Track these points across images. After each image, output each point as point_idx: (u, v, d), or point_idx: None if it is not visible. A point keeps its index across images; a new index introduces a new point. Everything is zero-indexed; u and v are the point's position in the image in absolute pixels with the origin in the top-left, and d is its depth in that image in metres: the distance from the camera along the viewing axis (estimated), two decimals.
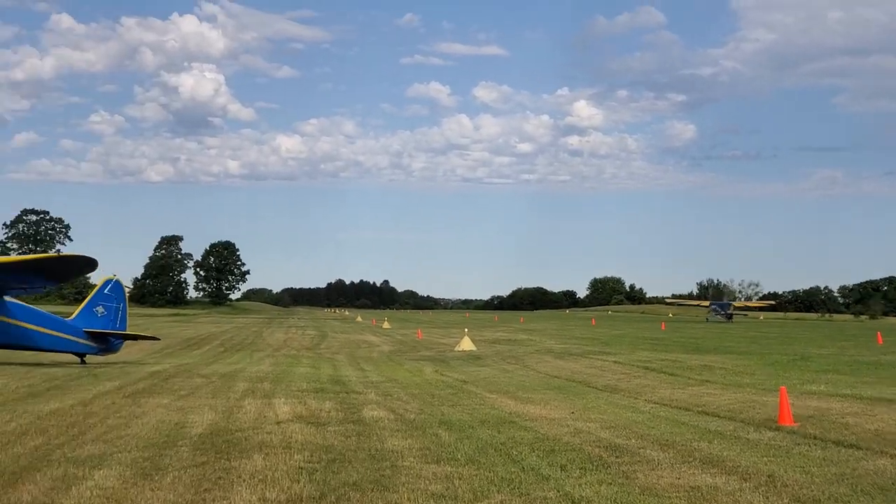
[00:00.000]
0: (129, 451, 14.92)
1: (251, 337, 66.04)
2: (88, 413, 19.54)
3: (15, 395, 22.95)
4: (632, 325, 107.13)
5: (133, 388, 25.11)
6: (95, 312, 37.23)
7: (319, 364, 37.87)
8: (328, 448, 15.57)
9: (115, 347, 38.09)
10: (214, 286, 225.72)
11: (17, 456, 14.22)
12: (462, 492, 12.36)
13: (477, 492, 12.40)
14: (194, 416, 19.30)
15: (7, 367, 31.56)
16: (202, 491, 12.09)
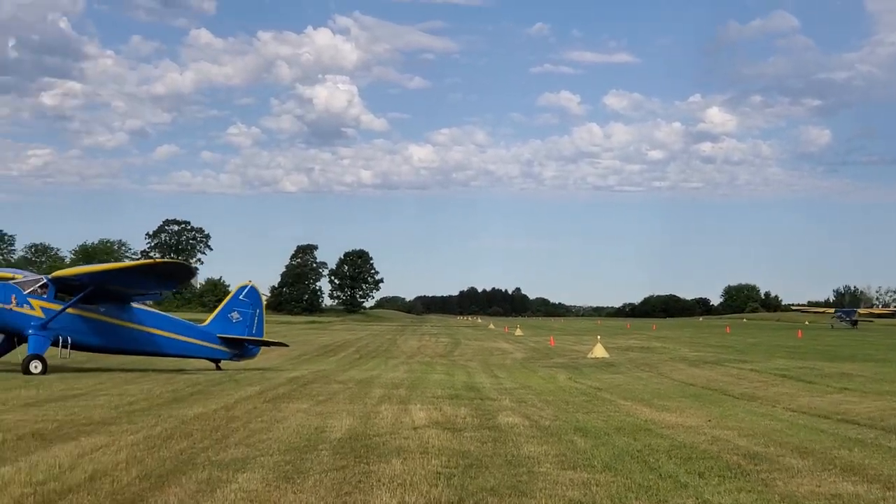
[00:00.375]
0: (272, 454, 15.25)
1: (385, 344, 66.69)
2: (231, 417, 20.02)
3: (160, 400, 23.60)
4: (767, 333, 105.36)
5: (273, 394, 25.62)
6: (230, 318, 37.34)
7: (453, 371, 38.09)
8: (465, 453, 15.69)
9: (250, 353, 38.20)
10: (348, 294, 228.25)
11: (163, 459, 14.64)
12: (599, 498, 12.37)
13: (615, 498, 12.39)
14: (333, 420, 19.62)
15: (151, 374, 32.45)
16: (343, 494, 12.32)
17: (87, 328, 33.74)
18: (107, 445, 15.87)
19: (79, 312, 33.58)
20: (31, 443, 16.15)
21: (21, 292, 32.99)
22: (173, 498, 11.89)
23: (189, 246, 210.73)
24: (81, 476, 13.04)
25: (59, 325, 32.98)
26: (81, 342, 33.84)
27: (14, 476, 12.92)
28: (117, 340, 34.64)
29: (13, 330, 33.31)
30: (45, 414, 20.26)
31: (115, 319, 34.23)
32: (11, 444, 15.98)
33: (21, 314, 32.70)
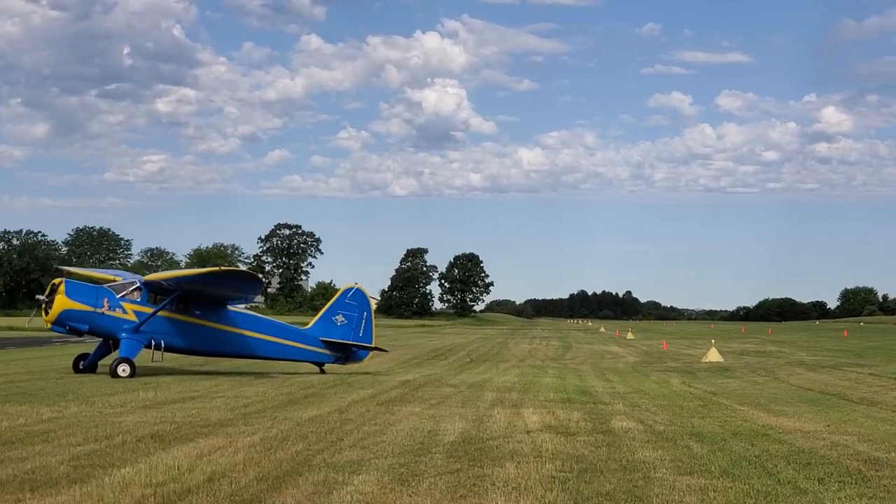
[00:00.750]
0: (386, 457, 15.33)
1: (496, 348, 66.71)
2: (345, 420, 20.17)
3: (274, 403, 23.89)
4: (886, 336, 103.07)
5: (386, 397, 25.76)
6: (334, 321, 36.90)
7: (565, 375, 37.93)
8: (579, 458, 15.60)
9: (356, 357, 37.70)
10: (459, 297, 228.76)
11: (280, 461, 14.80)
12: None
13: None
14: (446, 424, 19.66)
15: (265, 377, 32.87)
16: (458, 497, 12.32)
17: (180, 331, 34.07)
18: (224, 447, 16.10)
19: (172, 315, 33.91)
20: (150, 444, 16.44)
21: (114, 296, 33.47)
22: (290, 499, 12.01)
23: (300, 250, 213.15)
24: (200, 477, 13.24)
25: (151, 328, 33.32)
26: (174, 345, 34.20)
27: (135, 477, 13.16)
28: (211, 343, 34.91)
29: (106, 333, 33.73)
30: (163, 416, 20.64)
31: (208, 322, 34.50)
32: (131, 445, 16.29)
33: (113, 318, 33.14)
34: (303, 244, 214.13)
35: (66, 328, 33.27)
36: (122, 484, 12.68)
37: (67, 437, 17.18)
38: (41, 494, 12.01)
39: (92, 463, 14.39)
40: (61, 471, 13.71)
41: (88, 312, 32.92)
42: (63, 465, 14.13)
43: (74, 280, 34.70)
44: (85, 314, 32.92)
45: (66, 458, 14.74)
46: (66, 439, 16.87)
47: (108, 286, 34.28)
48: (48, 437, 17.14)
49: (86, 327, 33.20)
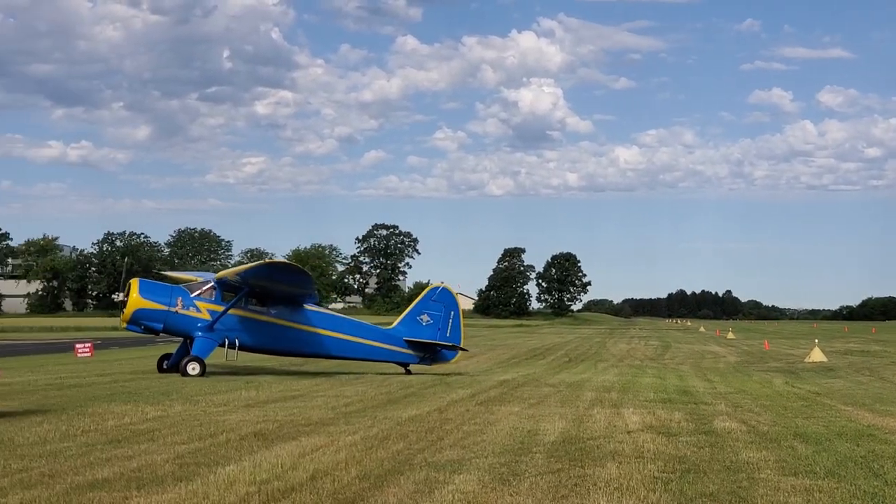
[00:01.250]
0: (486, 456, 15.32)
1: (594, 347, 66.39)
2: (444, 419, 20.21)
3: (374, 402, 24.03)
4: None
5: (485, 396, 25.76)
6: (419, 321, 36.34)
7: (665, 375, 37.60)
8: (681, 458, 15.45)
9: (443, 357, 36.98)
10: (556, 297, 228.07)
11: (381, 460, 14.87)
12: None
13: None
14: (545, 423, 19.60)
15: (365, 376, 33.08)
16: (559, 497, 12.28)
17: (255, 329, 34.04)
18: (326, 446, 16.23)
19: (246, 314, 33.99)
20: (253, 442, 16.64)
21: (188, 295, 33.77)
22: (392, 498, 12.06)
23: (398, 250, 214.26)
24: (303, 475, 13.36)
25: (225, 326, 33.48)
26: (249, 343, 34.23)
27: (239, 475, 13.32)
28: (286, 342, 34.78)
29: (181, 332, 34.03)
30: (265, 414, 20.88)
31: (283, 321, 34.37)
32: (235, 443, 16.50)
33: (187, 317, 33.40)
34: (400, 244, 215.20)
35: (141, 327, 33.66)
36: (226, 482, 12.84)
37: (172, 435, 17.46)
38: (147, 492, 12.21)
39: (197, 461, 14.60)
40: (167, 469, 13.92)
41: (162, 311, 33.24)
42: (168, 464, 14.35)
43: (150, 280, 35.29)
44: (159, 313, 33.25)
45: (171, 457, 14.98)
46: (170, 438, 17.14)
47: (184, 285, 34.75)
48: (153, 435, 17.43)
49: (160, 326, 33.52)
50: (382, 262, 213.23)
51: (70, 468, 13.85)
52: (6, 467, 13.88)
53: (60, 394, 25.38)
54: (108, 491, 12.25)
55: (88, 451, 15.43)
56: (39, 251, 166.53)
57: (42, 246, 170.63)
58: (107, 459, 14.67)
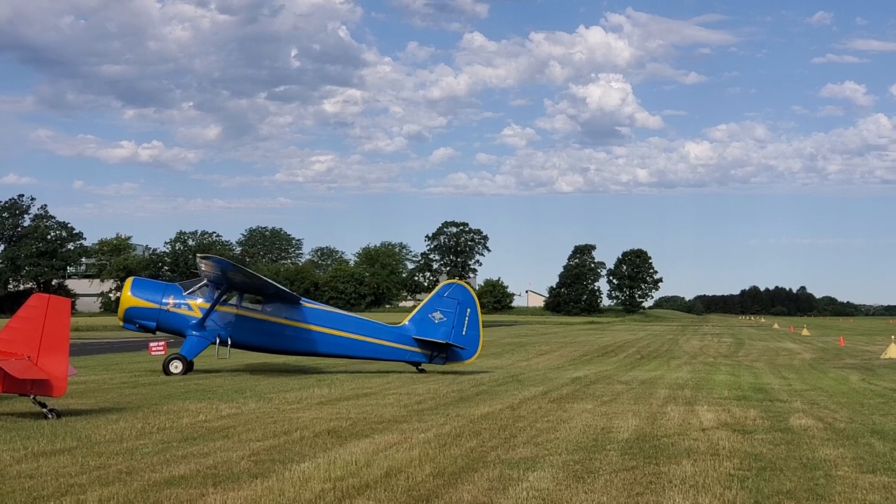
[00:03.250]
0: (560, 454, 15.28)
1: (667, 344, 65.86)
2: (517, 417, 20.18)
3: (446, 400, 24.05)
4: None
5: (557, 394, 25.69)
6: (431, 318, 34.56)
7: (739, 372, 37.22)
8: (757, 456, 15.30)
9: (458, 356, 34.82)
10: (627, 294, 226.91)
11: (455, 457, 14.88)
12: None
13: None
14: (619, 421, 19.50)
15: (435, 374, 33.10)
16: (634, 495, 12.20)
17: (248, 327, 33.59)
18: (399, 443, 16.27)
19: (239, 312, 33.62)
20: (326, 439, 16.72)
21: (181, 292, 33.67)
22: (467, 495, 12.05)
23: (468, 247, 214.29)
24: (377, 472, 13.40)
25: (217, 324, 33.22)
26: (242, 341, 33.79)
27: (314, 472, 13.40)
28: (281, 340, 34.04)
29: (174, 330, 33.81)
30: (338, 412, 20.97)
31: (278, 318, 33.78)
32: (309, 440, 16.60)
33: (179, 315, 33.24)
34: (470, 241, 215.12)
35: (135, 325, 33.48)
36: (301, 479, 12.92)
37: (247, 432, 17.60)
38: (223, 489, 12.31)
39: (272, 458, 14.70)
40: (242, 466, 14.04)
41: (154, 310, 33.14)
42: (243, 461, 14.47)
43: (145, 278, 35.22)
44: (151, 311, 33.15)
45: (246, 454, 15.10)
46: (245, 435, 17.29)
47: (179, 283, 34.63)
48: (228, 432, 17.59)
49: (153, 324, 33.41)
50: (452, 260, 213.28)
51: (147, 465, 14.02)
52: (84, 464, 14.07)
53: (135, 392, 25.69)
54: (185, 488, 12.37)
55: (164, 449, 15.60)
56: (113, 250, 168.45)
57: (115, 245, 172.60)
58: (183, 457, 14.83)
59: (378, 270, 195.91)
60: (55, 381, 19.20)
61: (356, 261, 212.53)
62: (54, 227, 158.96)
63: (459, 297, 34.98)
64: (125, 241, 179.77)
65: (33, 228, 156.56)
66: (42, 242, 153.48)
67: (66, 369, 19.46)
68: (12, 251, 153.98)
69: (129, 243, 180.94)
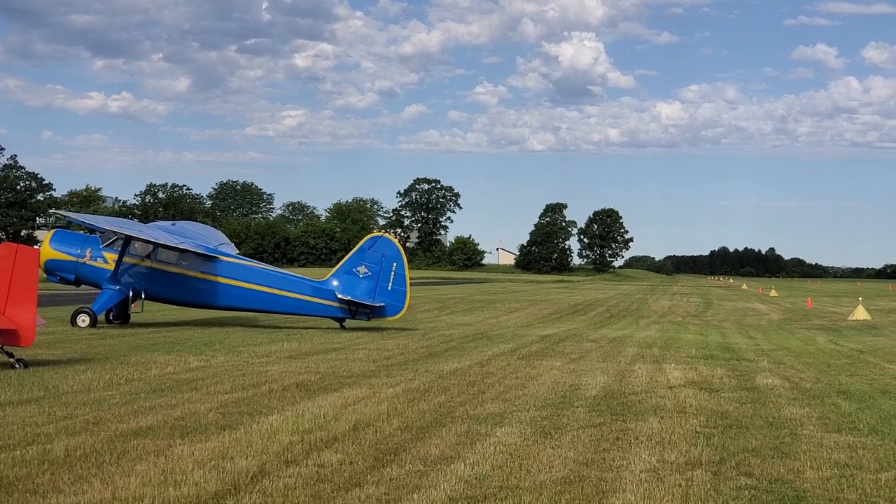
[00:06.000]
0: (528, 410, 15.34)
1: (636, 304, 66.17)
2: (486, 373, 20.24)
3: (415, 355, 24.09)
4: None
5: (526, 351, 25.78)
6: (356, 272, 33.56)
7: (706, 331, 37.46)
8: (723, 414, 15.41)
9: (384, 313, 33.63)
10: (598, 253, 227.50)
11: (423, 412, 14.92)
12: (867, 461, 11.95)
13: (882, 462, 11.96)
14: (587, 378, 19.59)
15: (406, 330, 33.14)
16: (601, 451, 12.27)
17: (162, 281, 33.35)
18: (368, 397, 16.29)
19: (153, 265, 33.36)
20: (295, 393, 16.73)
21: (98, 245, 33.49)
22: (435, 450, 12.08)
23: (439, 204, 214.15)
24: (345, 426, 13.41)
25: (130, 278, 32.98)
26: (157, 295, 33.67)
27: (282, 424, 13.40)
28: (197, 294, 33.83)
29: (91, 283, 33.75)
30: (307, 366, 20.98)
31: (194, 272, 33.52)
32: (278, 393, 16.60)
33: (95, 267, 33.12)
34: (441, 199, 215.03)
35: (56, 277, 33.43)
36: (269, 431, 12.92)
37: (215, 385, 17.58)
38: (191, 440, 12.30)
39: (240, 410, 14.70)
40: (210, 418, 14.03)
41: (72, 262, 33.06)
42: (212, 413, 14.46)
43: (67, 230, 35.31)
44: (69, 264, 33.07)
45: (214, 406, 15.09)
46: (213, 387, 17.26)
47: (99, 235, 34.20)
48: (196, 385, 17.57)
49: (72, 277, 33.36)
50: (424, 217, 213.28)
51: (114, 416, 13.98)
52: (51, 414, 14.02)
53: (103, 343, 25.60)
54: (152, 438, 12.35)
55: (132, 400, 15.56)
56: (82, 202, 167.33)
57: (85, 197, 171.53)
58: (150, 408, 14.80)
59: (349, 226, 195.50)
60: (23, 331, 19.11)
61: (327, 216, 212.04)
62: (24, 178, 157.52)
63: (385, 250, 33.96)
64: (95, 192, 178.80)
65: (2, 178, 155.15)
66: (11, 193, 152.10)
67: (35, 319, 19.37)
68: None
69: (99, 195, 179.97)
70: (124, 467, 10.80)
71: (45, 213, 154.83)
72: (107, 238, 33.52)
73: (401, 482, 10.47)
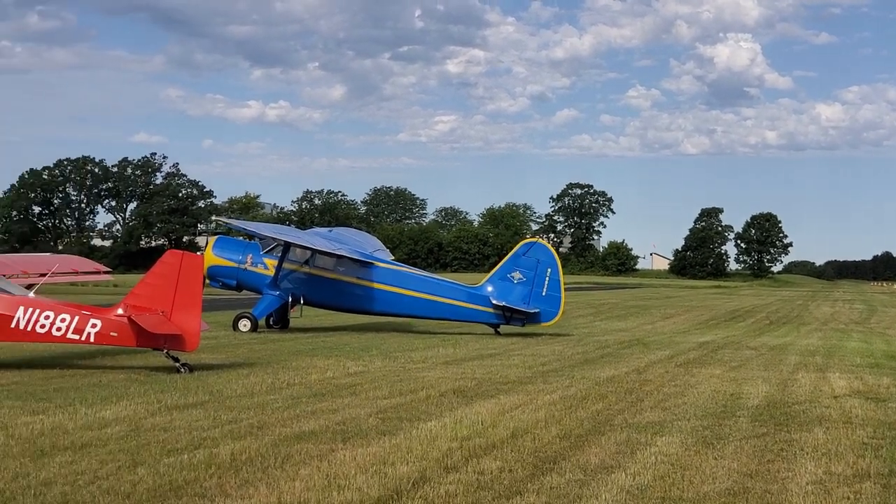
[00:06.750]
0: (688, 419, 15.12)
1: (796, 310, 64.67)
2: (644, 381, 20.02)
3: (571, 362, 24.00)
4: None
5: (684, 358, 25.42)
6: (510, 278, 33.47)
7: (871, 339, 36.43)
8: (891, 425, 14.98)
9: (538, 318, 33.31)
10: (755, 258, 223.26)
11: (581, 419, 14.84)
12: None
13: None
14: (748, 387, 19.21)
15: (560, 337, 33.02)
16: (765, 462, 12.03)
17: (320, 286, 33.84)
18: (525, 404, 16.28)
19: (311, 271, 33.88)
20: (453, 399, 16.80)
21: (258, 252, 34.06)
22: (594, 458, 12.00)
23: (592, 209, 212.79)
24: (504, 433, 13.42)
25: (291, 284, 33.54)
26: (314, 300, 34.17)
27: (441, 431, 13.47)
28: (353, 299, 34.21)
29: (252, 289, 34.41)
30: (463, 372, 21.06)
31: (350, 278, 33.92)
32: (435, 399, 16.69)
33: (256, 273, 33.77)
34: (594, 204, 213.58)
35: (219, 283, 34.16)
36: (428, 437, 13.00)
37: (374, 390, 17.78)
38: (352, 445, 12.45)
39: (399, 416, 14.82)
40: (370, 423, 14.18)
41: (234, 268, 33.79)
42: (371, 418, 14.62)
43: (229, 237, 36.29)
44: (231, 270, 33.83)
45: (373, 411, 15.25)
46: (372, 392, 17.46)
47: (259, 241, 34.79)
48: (355, 389, 17.79)
49: (234, 282, 34.11)
50: (577, 222, 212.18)
51: (277, 420, 14.24)
52: (216, 418, 14.35)
53: (264, 347, 26.12)
54: (315, 443, 12.54)
55: (294, 404, 15.83)
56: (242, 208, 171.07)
57: (244, 203, 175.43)
58: (312, 412, 15.03)
59: (502, 231, 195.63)
60: (188, 336, 19.63)
61: (480, 221, 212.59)
62: (185, 185, 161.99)
63: (540, 256, 33.84)
64: (254, 199, 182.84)
65: (165, 186, 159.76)
66: (174, 200, 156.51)
67: (199, 324, 19.87)
68: (145, 208, 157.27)
69: (258, 202, 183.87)
70: (289, 471, 10.99)
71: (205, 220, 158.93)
72: (267, 244, 34.25)
73: (561, 491, 10.42)
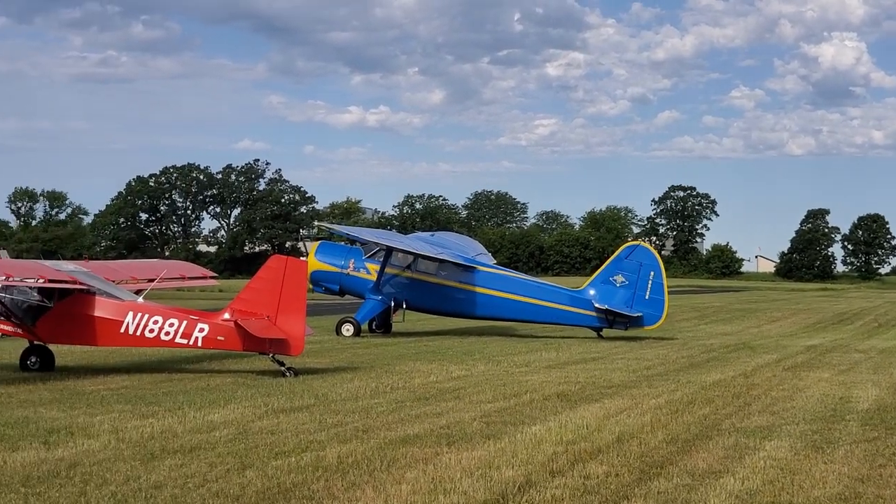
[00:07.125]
0: (797, 423, 14.89)
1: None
2: (751, 385, 19.75)
3: (676, 366, 23.76)
4: None
5: (791, 362, 25.02)
6: (613, 282, 32.99)
7: None
8: None
9: (641, 322, 32.81)
10: (863, 260, 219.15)
11: (688, 424, 14.69)
12: None
13: None
14: (858, 391, 18.84)
15: (664, 340, 32.70)
16: (877, 466, 11.80)
17: (421, 291, 33.84)
18: (630, 408, 16.16)
19: (413, 276, 33.85)
20: (556, 403, 16.75)
21: (361, 256, 34.15)
22: (702, 463, 11.87)
23: (695, 212, 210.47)
24: (609, 437, 13.33)
25: (393, 288, 33.53)
26: (416, 305, 34.14)
27: (545, 434, 13.43)
28: (454, 303, 34.15)
29: (354, 293, 34.57)
30: (566, 376, 20.98)
31: (452, 282, 33.86)
32: (539, 403, 16.66)
33: (358, 278, 33.89)
34: (697, 206, 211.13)
35: (322, 288, 34.39)
36: (533, 441, 12.97)
37: (477, 394, 17.80)
38: (457, 449, 12.48)
39: (503, 420, 14.82)
40: (474, 427, 14.19)
41: (336, 273, 33.97)
42: (476, 421, 14.63)
43: (331, 242, 36.71)
44: (334, 275, 34.02)
45: (477, 415, 15.27)
46: (475, 396, 17.49)
47: (361, 246, 34.90)
48: (459, 393, 17.83)
49: (336, 287, 34.38)
50: (679, 225, 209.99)
51: (382, 424, 14.33)
52: (322, 422, 14.48)
53: (367, 352, 26.30)
54: (420, 447, 12.59)
55: (398, 408, 15.92)
56: (343, 214, 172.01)
57: (346, 208, 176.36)
58: (416, 416, 15.10)
59: (603, 235, 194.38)
60: (293, 341, 19.83)
61: (581, 225, 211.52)
62: (288, 191, 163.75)
63: (643, 259, 33.38)
64: (355, 204, 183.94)
65: (268, 192, 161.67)
66: (276, 205, 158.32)
67: (304, 329, 20.06)
68: (248, 214, 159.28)
69: (359, 207, 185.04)
70: (395, 475, 11.04)
71: (308, 225, 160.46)
72: (369, 249, 34.41)
73: (669, 496, 10.33)
